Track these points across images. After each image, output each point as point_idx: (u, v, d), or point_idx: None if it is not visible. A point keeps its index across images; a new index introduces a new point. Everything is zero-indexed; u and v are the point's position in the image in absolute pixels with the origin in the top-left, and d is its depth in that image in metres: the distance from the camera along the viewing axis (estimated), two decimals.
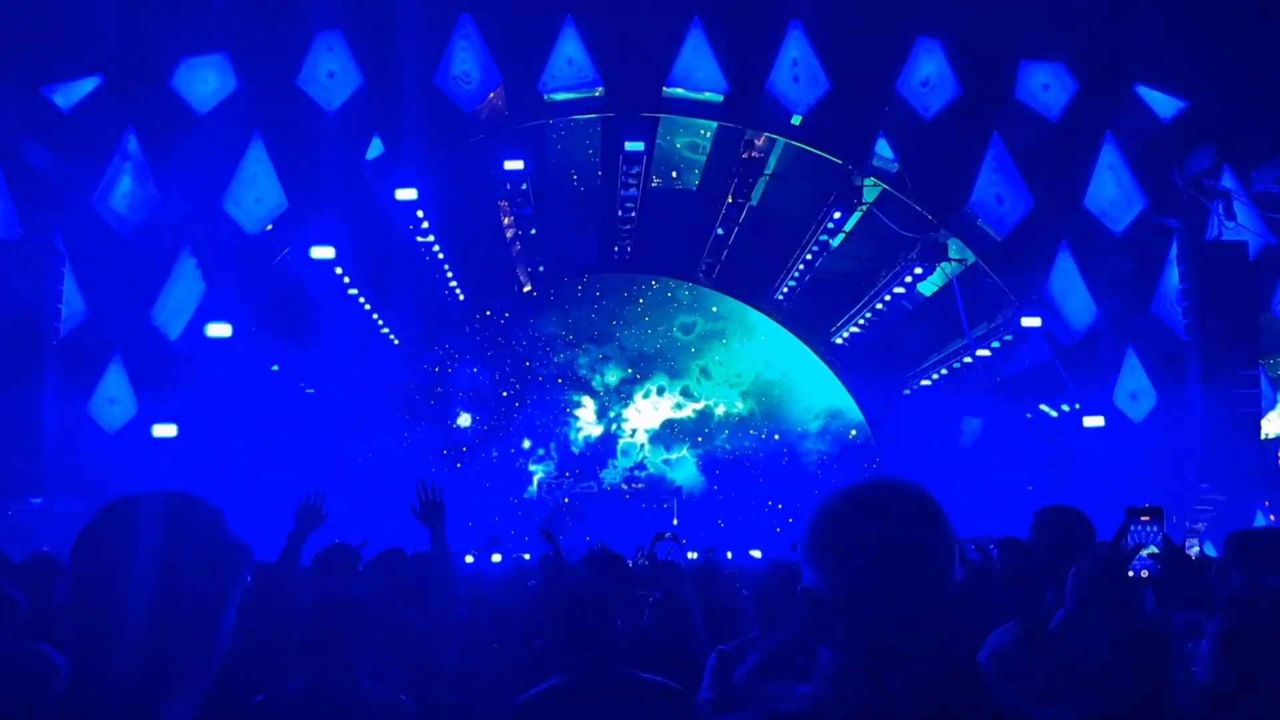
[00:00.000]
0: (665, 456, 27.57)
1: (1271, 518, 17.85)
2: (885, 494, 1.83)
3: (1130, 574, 2.88)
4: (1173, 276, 19.35)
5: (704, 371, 27.82)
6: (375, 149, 20.40)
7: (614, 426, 27.74)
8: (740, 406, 27.80)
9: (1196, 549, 5.85)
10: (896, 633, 1.72)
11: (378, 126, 20.06)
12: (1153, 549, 2.88)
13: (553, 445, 27.59)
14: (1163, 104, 19.69)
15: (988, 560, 9.30)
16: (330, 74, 19.44)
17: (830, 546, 1.80)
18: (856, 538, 1.77)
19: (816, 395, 27.32)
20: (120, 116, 18.61)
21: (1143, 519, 2.88)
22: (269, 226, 19.80)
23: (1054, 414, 21.89)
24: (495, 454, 26.66)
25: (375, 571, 5.73)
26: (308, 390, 22.56)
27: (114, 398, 18.41)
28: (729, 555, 19.95)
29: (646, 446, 27.59)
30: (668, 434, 27.77)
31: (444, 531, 4.89)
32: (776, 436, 27.43)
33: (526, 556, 15.14)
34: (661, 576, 7.03)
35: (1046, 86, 20.08)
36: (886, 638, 1.73)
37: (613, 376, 27.72)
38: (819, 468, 26.93)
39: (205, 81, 19.20)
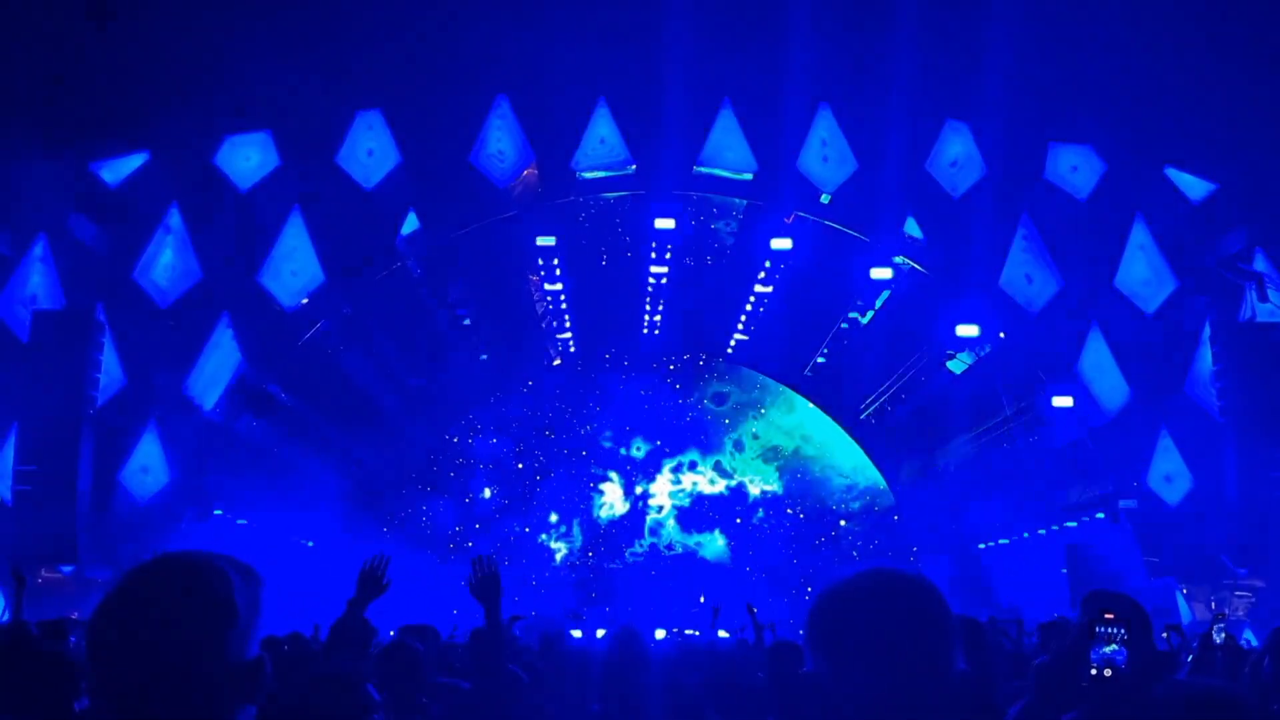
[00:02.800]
0: (696, 538, 26.89)
1: None
2: (882, 583, 1.86)
3: (1094, 670, 2.86)
4: (1206, 358, 19.19)
5: (737, 445, 27.25)
6: (410, 224, 20.79)
7: (641, 503, 26.98)
8: (776, 485, 27.12)
9: (1223, 636, 5.73)
10: (894, 717, 1.76)
11: (413, 202, 20.47)
12: (1114, 647, 2.86)
13: (575, 522, 26.85)
14: (1192, 186, 19.74)
15: (1018, 644, 9.16)
16: (369, 152, 19.93)
17: (829, 634, 1.85)
18: (853, 626, 1.81)
19: (859, 473, 26.60)
20: (165, 191, 19.14)
21: (1107, 616, 2.88)
22: (304, 300, 20.15)
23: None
24: (525, 529, 25.91)
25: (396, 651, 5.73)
26: (355, 463, 22.60)
27: (147, 466, 18.62)
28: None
29: (674, 525, 26.92)
30: (698, 511, 27.05)
31: (499, 607, 4.84)
32: (802, 516, 26.76)
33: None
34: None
35: (1075, 168, 20.21)
36: None
37: (640, 449, 27.19)
38: (857, 549, 26.22)
39: (248, 158, 19.75)
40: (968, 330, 20.43)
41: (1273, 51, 17.20)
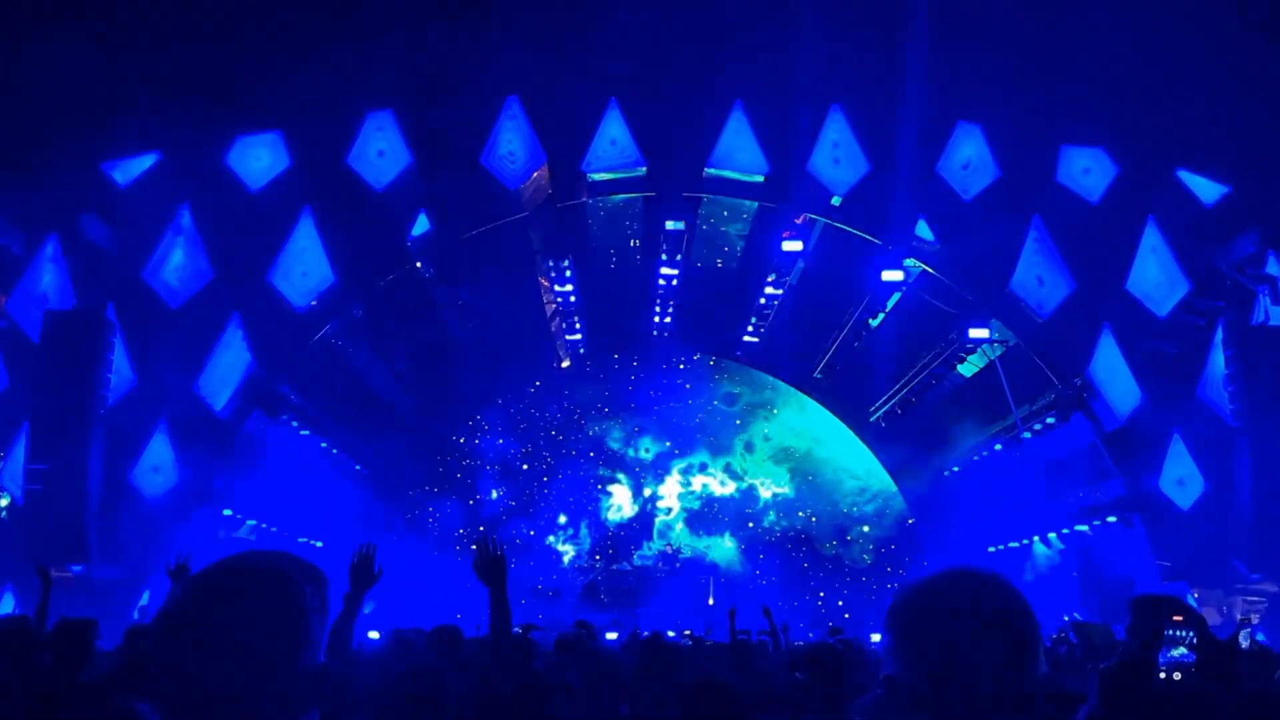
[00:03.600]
0: (706, 541, 26.70)
1: None
2: (968, 585, 1.82)
3: (1163, 674, 2.80)
4: (1219, 361, 19.10)
5: (748, 446, 27.02)
6: (421, 225, 20.78)
7: (649, 505, 26.83)
8: (788, 487, 26.81)
9: (1248, 642, 5.64)
10: None
11: (424, 203, 20.46)
12: (1182, 650, 2.81)
13: (584, 524, 26.70)
14: (1205, 189, 19.67)
15: (1071, 651, 9.09)
16: (380, 153, 19.94)
17: (911, 636, 1.80)
18: (936, 629, 1.77)
19: (872, 475, 26.40)
20: (176, 192, 19.15)
21: (1176, 619, 2.81)
22: (314, 301, 20.15)
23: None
24: (531, 532, 25.84)
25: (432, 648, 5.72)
26: (355, 467, 22.59)
27: (158, 466, 18.61)
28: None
29: (683, 527, 26.76)
30: (707, 514, 26.83)
31: (505, 590, 4.74)
32: (814, 519, 26.63)
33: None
34: None
35: (1087, 170, 20.15)
36: None
37: (649, 451, 26.99)
38: (869, 553, 26.05)
39: (259, 159, 19.76)
40: (979, 332, 20.36)
41: None
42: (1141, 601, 3.01)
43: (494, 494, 26.13)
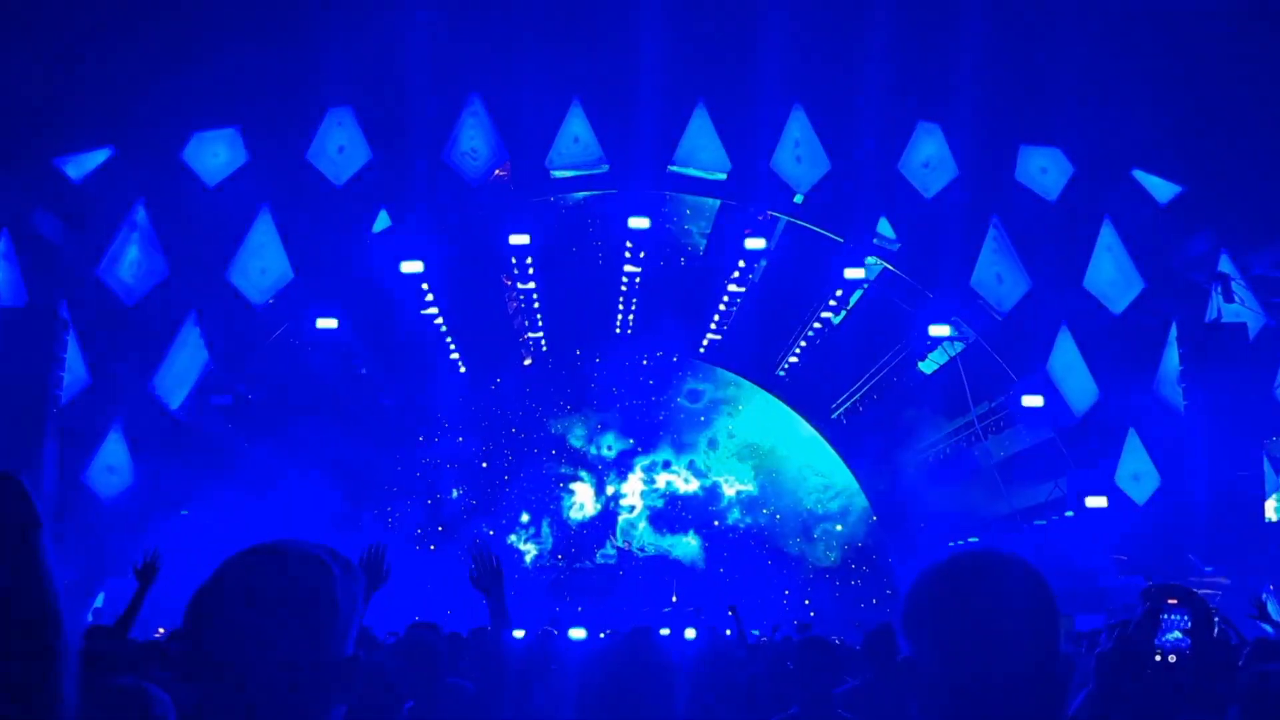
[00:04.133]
0: (669, 539, 26.66)
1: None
2: (987, 565, 1.80)
3: (1159, 656, 2.83)
4: (1173, 358, 19.44)
5: (712, 443, 26.96)
6: (382, 222, 20.62)
7: (612, 504, 26.71)
8: (752, 485, 26.76)
9: (1217, 631, 5.72)
10: (999, 704, 1.70)
11: (385, 200, 20.30)
12: (1178, 634, 2.83)
13: (545, 522, 26.50)
14: (1160, 188, 20.00)
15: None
16: (340, 149, 19.74)
17: (929, 617, 1.78)
18: (956, 609, 1.76)
19: (837, 473, 26.37)
20: (131, 187, 18.84)
21: (1170, 602, 2.85)
22: (272, 299, 19.93)
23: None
24: (491, 531, 25.52)
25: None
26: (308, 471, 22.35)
27: (113, 466, 18.32)
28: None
29: (646, 526, 26.68)
30: (671, 512, 26.68)
31: (503, 600, 4.77)
32: (779, 517, 26.70)
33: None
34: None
35: (1045, 170, 20.40)
36: (988, 710, 1.70)
37: (611, 449, 26.89)
38: (836, 551, 26.26)
39: (216, 154, 19.49)
40: (939, 330, 20.56)
41: (1239, 55, 17.45)
42: (1147, 591, 3.04)
43: (454, 493, 25.95)
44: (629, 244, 21.06)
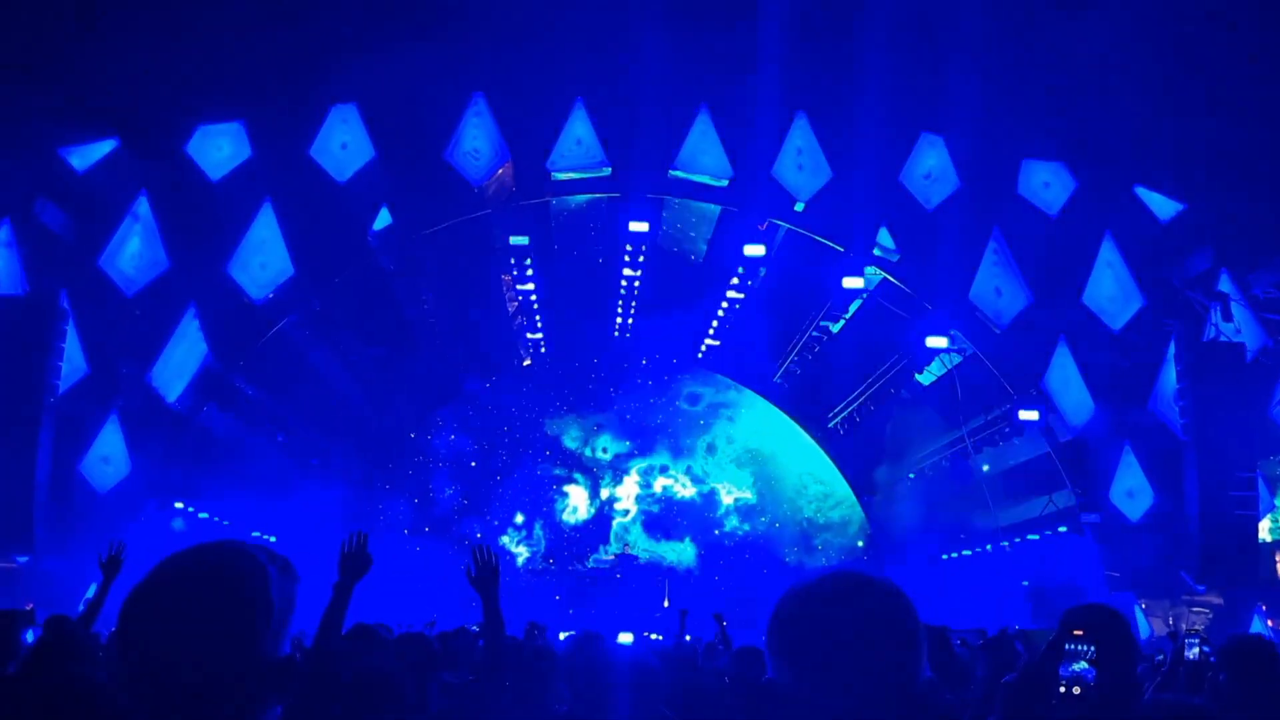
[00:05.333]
0: (665, 545, 26.49)
1: (1270, 623, 17.64)
2: (846, 587, 1.79)
3: (1063, 688, 2.81)
4: (1170, 376, 19.42)
5: (710, 448, 26.76)
6: (383, 219, 20.65)
7: (606, 508, 26.52)
8: (750, 492, 26.47)
9: (1197, 650, 5.71)
10: None
11: (387, 198, 20.33)
12: (1084, 664, 2.82)
13: (538, 524, 26.31)
14: (1161, 205, 20.00)
15: (972, 658, 9.18)
16: (343, 145, 19.78)
17: (790, 639, 1.77)
18: (815, 631, 1.75)
19: (838, 482, 26.11)
20: (134, 179, 18.89)
21: (1075, 634, 2.84)
22: (272, 293, 19.96)
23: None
24: (479, 534, 25.19)
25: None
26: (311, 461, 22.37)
27: (108, 457, 18.35)
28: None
29: (640, 530, 26.49)
30: (667, 517, 26.46)
31: (498, 599, 4.80)
32: (777, 525, 26.30)
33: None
34: None
35: (1047, 184, 20.41)
36: None
37: (607, 451, 26.74)
38: (830, 559, 25.91)
39: (219, 148, 19.54)
40: (937, 341, 20.56)
41: (1242, 76, 17.45)
42: (1066, 614, 3.02)
43: (447, 491, 25.89)
44: (629, 247, 21.06)
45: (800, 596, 1.81)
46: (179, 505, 19.33)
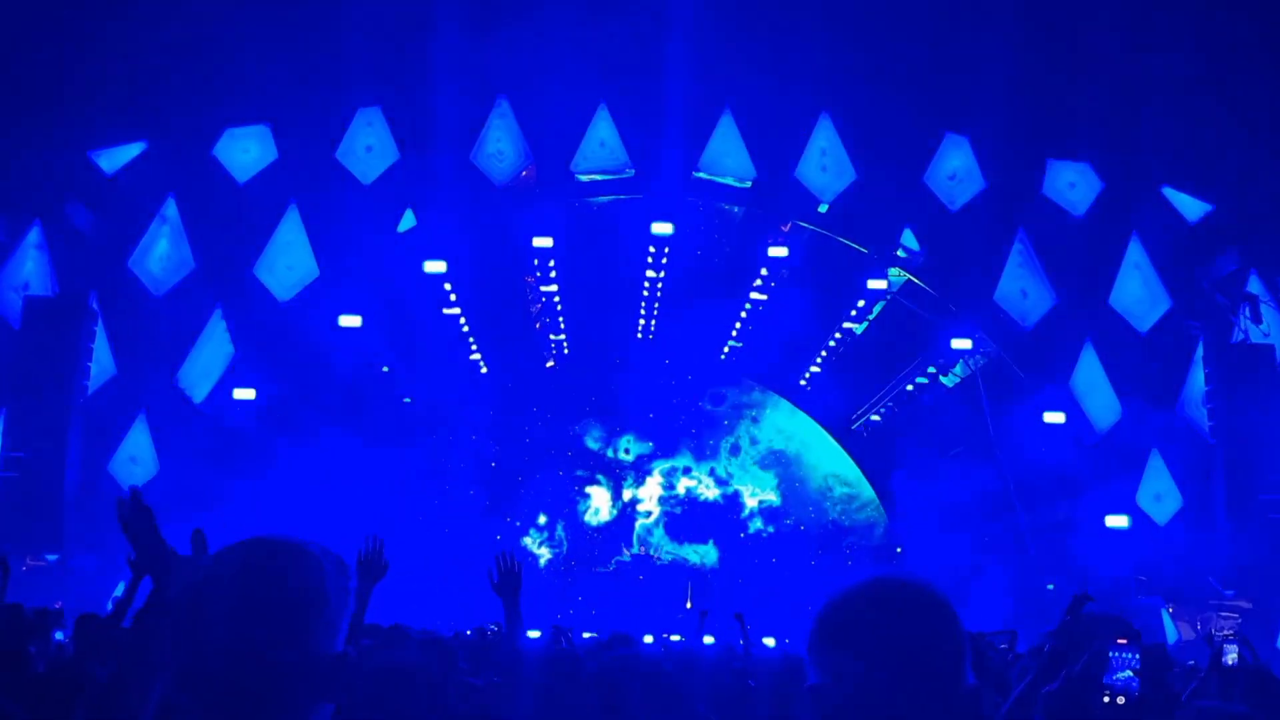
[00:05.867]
0: (688, 548, 26.37)
1: None
2: (890, 593, 1.80)
3: (1107, 698, 2.78)
4: (1199, 378, 19.24)
5: (734, 449, 26.54)
6: (408, 221, 20.76)
7: (629, 510, 26.34)
8: (774, 494, 26.19)
9: (1235, 655, 5.62)
10: None
11: (411, 200, 20.44)
12: (1128, 673, 2.78)
13: (560, 526, 26.23)
14: (1189, 206, 19.80)
15: (1005, 659, 9.12)
16: (368, 148, 19.90)
17: (835, 644, 1.78)
18: (862, 636, 1.75)
19: (864, 483, 25.76)
20: (162, 182, 19.08)
21: (1120, 641, 2.80)
22: (297, 294, 20.10)
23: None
24: (498, 537, 25.14)
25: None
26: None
27: (136, 457, 18.53)
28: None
29: (663, 533, 26.40)
30: (690, 520, 26.19)
31: (519, 605, 4.83)
32: (803, 528, 26.04)
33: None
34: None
35: (1073, 185, 20.26)
36: None
37: (629, 452, 26.56)
38: (854, 562, 25.82)
39: (246, 150, 19.70)
40: (962, 343, 20.45)
41: (1270, 74, 17.27)
42: (1090, 619, 2.99)
43: (469, 492, 25.94)
44: (651, 248, 21.07)
45: (842, 602, 1.82)
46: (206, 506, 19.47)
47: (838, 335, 22.55)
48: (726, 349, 25.16)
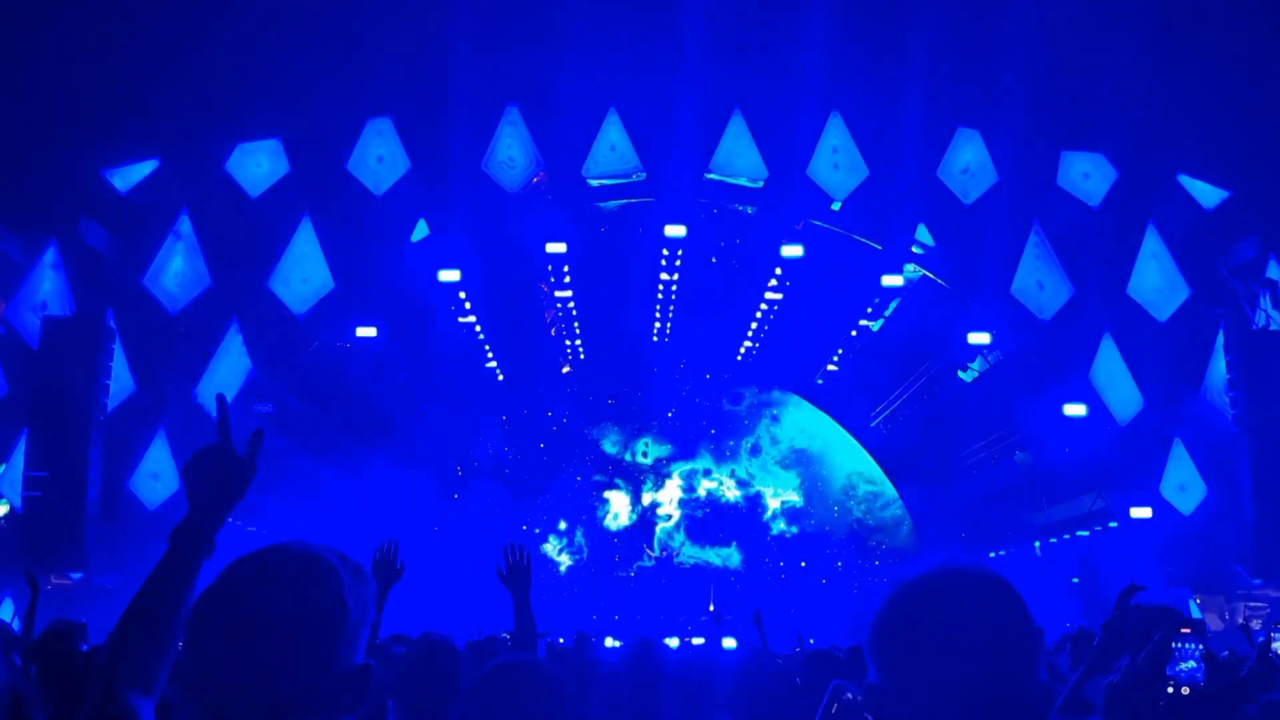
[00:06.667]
0: (710, 549, 26.27)
1: None
2: (958, 584, 1.65)
3: (1171, 689, 2.70)
4: (1220, 366, 19.05)
5: (754, 450, 26.44)
6: (421, 231, 20.78)
7: (650, 513, 26.31)
8: (796, 494, 26.03)
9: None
10: None
11: (424, 209, 20.46)
12: (1192, 664, 2.72)
13: (580, 531, 26.17)
14: (1205, 193, 19.64)
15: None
16: (380, 158, 19.93)
17: (896, 641, 1.65)
18: (924, 632, 1.62)
19: (887, 482, 25.66)
20: (175, 198, 19.15)
21: (1184, 631, 2.73)
22: (313, 307, 20.14)
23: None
24: (513, 543, 24.96)
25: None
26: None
27: (157, 473, 18.59)
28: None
29: (683, 536, 26.30)
30: (711, 522, 26.05)
31: (528, 597, 4.79)
32: (827, 528, 25.78)
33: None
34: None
35: (1087, 175, 20.12)
36: None
37: (647, 455, 26.54)
38: (880, 561, 25.50)
39: (258, 165, 19.76)
40: (979, 337, 20.33)
41: None
42: (1141, 610, 2.90)
43: (488, 499, 25.97)
44: (665, 251, 21.03)
45: (906, 594, 1.68)
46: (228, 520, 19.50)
47: (854, 333, 22.44)
48: (743, 349, 25.11)
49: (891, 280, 20.46)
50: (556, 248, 20.24)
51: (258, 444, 2.25)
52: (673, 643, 17.04)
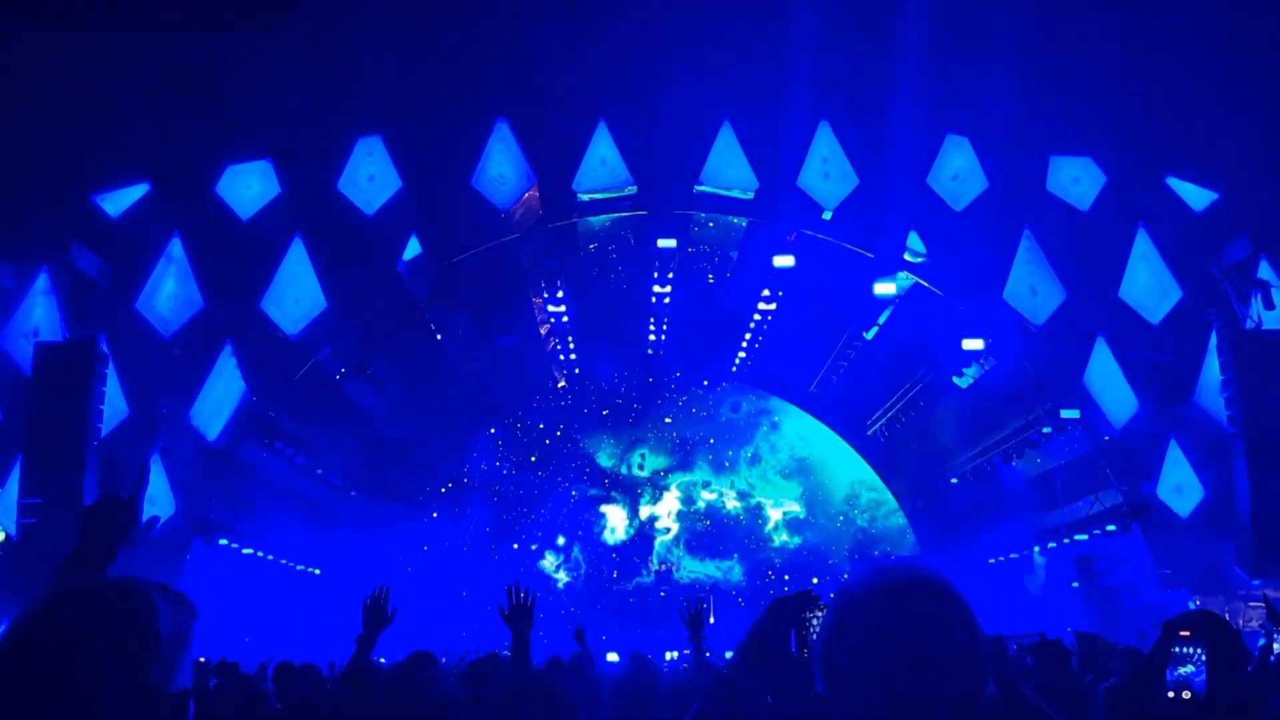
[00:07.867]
0: (709, 563, 26.16)
1: None
2: (899, 596, 1.62)
3: (1170, 694, 2.68)
4: (1214, 367, 19.06)
5: (754, 459, 26.32)
6: (413, 249, 20.78)
7: (648, 527, 26.18)
8: (798, 504, 25.84)
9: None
10: None
11: (415, 227, 20.46)
12: (1190, 668, 2.70)
13: (576, 547, 26.03)
14: (1194, 195, 19.69)
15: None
16: (370, 178, 19.93)
17: (836, 655, 1.62)
18: (862, 647, 1.59)
19: (886, 488, 25.65)
20: (166, 222, 19.14)
21: (1182, 635, 2.69)
22: (306, 328, 20.12)
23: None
24: (509, 557, 25.10)
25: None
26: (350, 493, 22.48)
27: (151, 496, 18.49)
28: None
29: (681, 548, 26.21)
30: (710, 534, 25.95)
31: (528, 636, 4.83)
32: (830, 537, 25.75)
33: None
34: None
35: (1077, 179, 20.17)
36: None
37: (644, 467, 26.44)
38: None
39: (249, 187, 19.75)
40: (973, 343, 20.35)
41: (1273, 60, 17.18)
42: (1169, 622, 2.84)
43: (485, 516, 25.90)
44: (657, 264, 21.06)
45: (845, 607, 1.65)
46: (224, 542, 19.47)
47: (849, 341, 22.44)
48: (738, 359, 25.12)
49: (884, 288, 20.48)
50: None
51: (150, 526, 2.53)
52: (672, 656, 16.99)
